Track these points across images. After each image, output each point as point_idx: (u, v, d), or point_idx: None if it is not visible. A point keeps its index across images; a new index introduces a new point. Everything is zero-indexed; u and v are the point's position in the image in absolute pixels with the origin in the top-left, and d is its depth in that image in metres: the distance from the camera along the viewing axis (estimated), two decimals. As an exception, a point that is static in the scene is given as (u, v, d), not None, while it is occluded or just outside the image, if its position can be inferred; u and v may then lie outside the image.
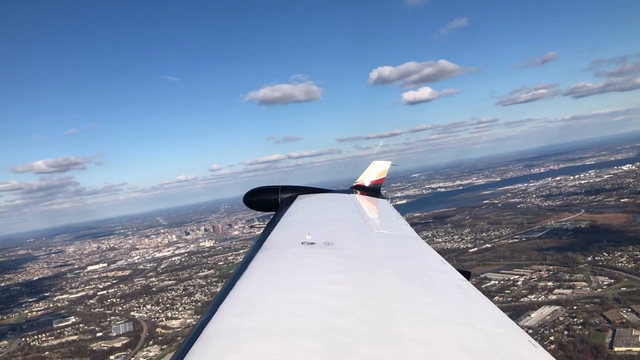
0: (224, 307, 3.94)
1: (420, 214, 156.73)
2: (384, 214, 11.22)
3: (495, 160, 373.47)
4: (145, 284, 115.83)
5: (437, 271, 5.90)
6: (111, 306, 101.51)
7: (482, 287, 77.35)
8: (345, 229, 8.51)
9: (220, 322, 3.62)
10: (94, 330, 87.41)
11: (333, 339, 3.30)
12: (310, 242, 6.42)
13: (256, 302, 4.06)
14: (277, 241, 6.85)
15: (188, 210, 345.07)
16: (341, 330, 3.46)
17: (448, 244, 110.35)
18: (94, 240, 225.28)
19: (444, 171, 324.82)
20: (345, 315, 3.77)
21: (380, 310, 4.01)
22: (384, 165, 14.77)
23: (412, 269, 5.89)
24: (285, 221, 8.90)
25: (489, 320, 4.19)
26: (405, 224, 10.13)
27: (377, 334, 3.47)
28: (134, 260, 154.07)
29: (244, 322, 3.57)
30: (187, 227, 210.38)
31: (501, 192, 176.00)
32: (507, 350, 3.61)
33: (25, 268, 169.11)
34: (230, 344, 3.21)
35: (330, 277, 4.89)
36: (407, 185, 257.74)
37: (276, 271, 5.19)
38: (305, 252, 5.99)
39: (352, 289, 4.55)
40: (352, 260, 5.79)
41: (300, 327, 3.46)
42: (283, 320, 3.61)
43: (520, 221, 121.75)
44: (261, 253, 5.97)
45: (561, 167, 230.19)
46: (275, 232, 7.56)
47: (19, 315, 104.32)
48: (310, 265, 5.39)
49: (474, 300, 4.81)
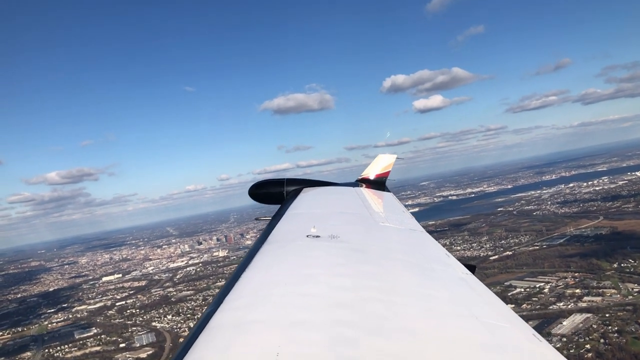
0: (229, 300, 3.92)
1: (435, 222, 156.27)
2: (389, 207, 11.22)
3: (504, 167, 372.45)
4: (163, 295, 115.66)
5: (442, 264, 5.87)
6: (131, 317, 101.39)
7: (509, 295, 76.94)
8: (350, 222, 8.47)
9: (225, 315, 3.61)
10: (116, 341, 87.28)
11: (338, 332, 3.30)
12: (315, 235, 6.38)
13: (261, 295, 4.06)
14: (282, 234, 6.82)
15: (197, 220, 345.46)
16: (346, 323, 3.45)
17: (467, 252, 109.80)
18: (106, 251, 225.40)
19: (453, 179, 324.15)
20: (350, 308, 3.77)
21: (384, 303, 4.01)
22: (389, 159, 14.69)
23: (417, 262, 5.87)
24: (290, 214, 8.85)
25: (494, 314, 4.18)
26: (411, 217, 10.08)
27: (381, 327, 3.48)
28: (149, 271, 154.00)
29: (249, 315, 3.56)
30: (199, 237, 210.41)
31: (514, 199, 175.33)
32: (511, 344, 3.61)
33: (40, 279, 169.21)
34: (235, 336, 3.22)
35: (335, 270, 4.88)
36: (417, 193, 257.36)
37: (281, 264, 5.18)
38: (310, 245, 5.95)
39: (357, 282, 4.55)
40: (357, 253, 5.78)
41: (305, 320, 3.46)
42: (288, 313, 3.60)
43: (538, 228, 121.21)
44: (266, 246, 5.95)
45: (572, 173, 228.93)
46: (281, 225, 7.53)
47: (40, 326, 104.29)
48: (315, 258, 5.37)
49: (478, 293, 4.80)
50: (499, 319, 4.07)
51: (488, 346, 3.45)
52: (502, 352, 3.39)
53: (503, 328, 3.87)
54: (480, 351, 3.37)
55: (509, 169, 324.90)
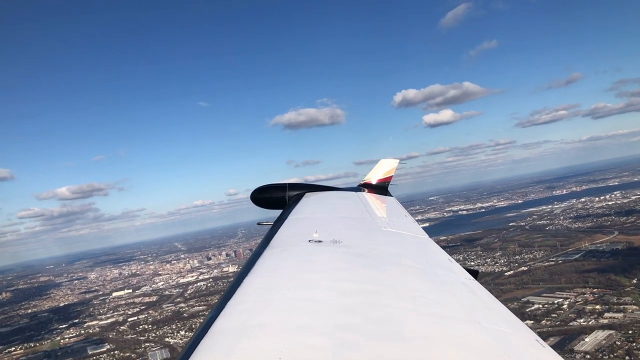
0: (232, 304, 3.93)
1: (447, 237, 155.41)
2: (392, 211, 11.14)
3: (512, 182, 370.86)
4: (175, 310, 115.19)
5: (444, 269, 5.87)
6: (144, 332, 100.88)
7: (527, 311, 76.04)
8: (352, 226, 8.49)
9: (228, 319, 3.62)
10: (130, 357, 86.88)
11: (340, 337, 3.30)
12: (317, 240, 6.39)
13: (263, 300, 4.07)
14: (284, 239, 6.82)
15: (205, 236, 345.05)
16: (348, 328, 3.46)
17: (482, 268, 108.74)
18: (115, 266, 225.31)
19: (462, 194, 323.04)
20: (352, 313, 3.77)
21: (387, 308, 4.02)
22: (391, 164, 14.63)
23: (419, 267, 5.85)
24: (292, 219, 8.84)
25: (497, 319, 4.18)
26: (413, 221, 10.04)
27: (384, 332, 3.48)
28: (159, 286, 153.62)
29: (252, 319, 3.57)
30: (208, 253, 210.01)
31: (526, 214, 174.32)
32: (514, 350, 3.60)
33: (50, 294, 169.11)
34: (237, 340, 3.22)
35: (337, 275, 4.89)
36: (426, 208, 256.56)
37: (283, 269, 5.18)
38: (313, 250, 5.96)
39: (360, 286, 4.55)
40: (360, 258, 5.79)
41: (308, 325, 3.46)
42: (290, 318, 3.62)
43: (552, 243, 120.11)
44: (268, 250, 5.95)
45: (584, 188, 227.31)
46: (283, 230, 7.53)
47: (52, 342, 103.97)
48: (317, 263, 5.39)
49: (481, 298, 4.79)
50: (502, 324, 4.08)
51: (491, 351, 3.45)
52: (506, 357, 3.39)
53: (506, 333, 3.87)
54: (484, 356, 3.39)
55: (519, 184, 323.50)
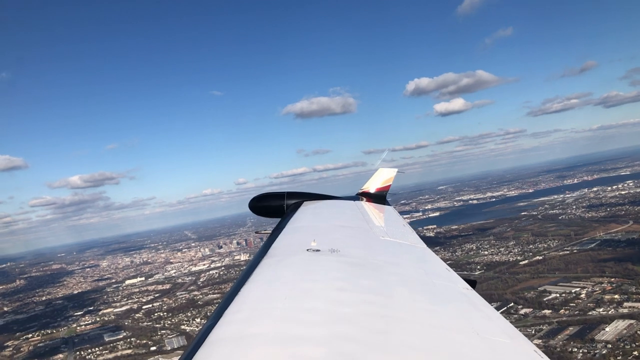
0: (229, 313, 3.93)
1: (458, 226, 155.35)
2: (390, 221, 11.15)
3: (522, 171, 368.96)
4: (189, 298, 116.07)
5: (442, 279, 5.86)
6: (159, 320, 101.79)
7: (544, 300, 75.95)
8: (350, 236, 8.49)
9: (225, 329, 3.61)
10: (147, 344, 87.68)
11: (338, 347, 3.29)
12: (315, 249, 6.39)
13: (261, 309, 4.07)
14: (282, 248, 6.81)
15: (214, 224, 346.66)
16: (346, 338, 3.46)
17: (496, 257, 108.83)
18: (126, 255, 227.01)
19: (471, 183, 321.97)
20: (350, 323, 3.77)
21: (385, 318, 4.02)
22: (390, 173, 14.66)
23: (417, 277, 5.87)
24: (290, 228, 8.86)
25: (495, 330, 4.18)
26: (411, 231, 10.01)
27: (381, 342, 3.47)
28: (171, 274, 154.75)
29: (249, 329, 3.57)
30: (219, 241, 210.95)
31: (537, 203, 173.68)
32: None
33: (63, 282, 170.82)
34: (234, 350, 3.22)
35: (335, 284, 4.87)
36: (436, 197, 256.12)
37: (281, 278, 5.18)
38: (311, 259, 5.96)
39: (357, 296, 4.55)
40: (358, 267, 5.78)
41: (305, 334, 3.45)
42: (288, 327, 3.61)
43: (566, 233, 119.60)
44: (266, 259, 5.93)
45: (595, 177, 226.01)
46: (281, 239, 7.53)
47: (68, 329, 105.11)
48: (315, 272, 5.39)
49: (479, 309, 4.79)
50: (500, 334, 4.07)
51: None
52: None
53: (504, 344, 3.88)
54: None
55: (528, 173, 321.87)
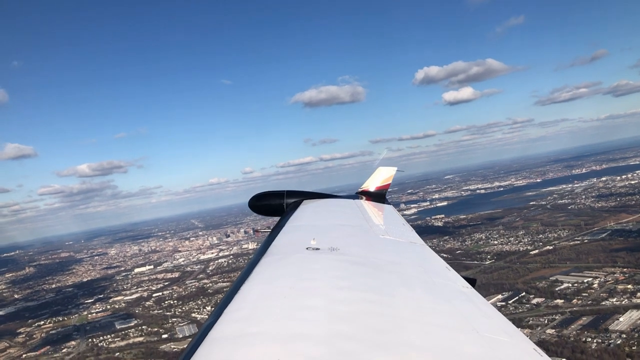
0: (228, 312, 3.92)
1: (466, 215, 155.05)
2: (390, 219, 11.19)
3: (529, 161, 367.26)
4: (199, 286, 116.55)
5: (442, 278, 5.86)
6: (169, 308, 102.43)
7: (556, 290, 75.78)
8: (350, 234, 8.50)
9: (225, 327, 3.62)
10: (158, 332, 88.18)
11: (337, 345, 3.30)
12: (315, 247, 6.39)
13: (260, 307, 4.07)
14: (281, 246, 6.80)
15: (221, 213, 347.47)
16: (345, 336, 3.47)
17: (505, 247, 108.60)
18: (134, 243, 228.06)
19: (478, 172, 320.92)
20: (349, 321, 3.77)
21: (384, 316, 4.03)
22: (389, 171, 14.66)
23: (417, 276, 5.86)
24: (290, 226, 8.85)
25: (494, 328, 4.18)
26: (411, 230, 10.02)
27: (381, 341, 3.48)
28: (180, 263, 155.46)
29: (248, 327, 3.58)
30: (227, 230, 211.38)
31: (546, 193, 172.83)
32: (512, 358, 3.62)
33: (72, 270, 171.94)
34: (234, 348, 3.23)
35: (335, 283, 4.87)
36: (443, 187, 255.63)
37: (281, 276, 5.17)
38: (310, 258, 5.97)
39: (357, 295, 4.56)
40: (357, 266, 5.78)
41: (305, 333, 3.47)
42: (287, 326, 3.62)
43: (576, 223, 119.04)
44: (266, 258, 5.92)
45: (604, 167, 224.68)
46: (280, 237, 7.51)
47: (80, 316, 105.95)
48: (315, 271, 5.38)
49: (479, 307, 4.79)
50: (500, 332, 4.07)
51: None
52: None
53: (503, 342, 3.88)
54: None
55: (535, 163, 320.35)
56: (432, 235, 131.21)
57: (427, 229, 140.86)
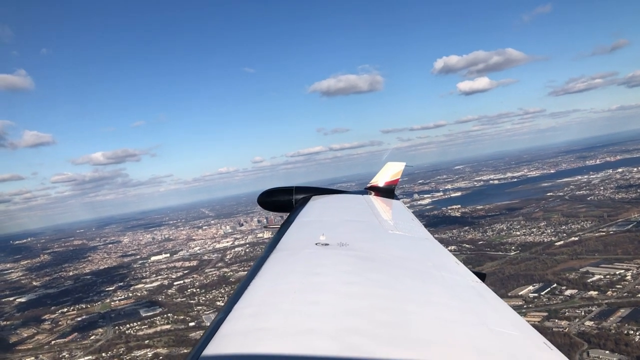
0: (238, 308, 3.92)
1: (483, 206, 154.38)
2: (398, 215, 11.20)
3: (540, 152, 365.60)
4: (219, 274, 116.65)
5: (451, 272, 5.85)
6: (193, 296, 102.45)
7: (588, 282, 75.37)
8: (359, 230, 8.49)
9: (235, 323, 3.62)
10: (185, 320, 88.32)
11: (347, 340, 3.30)
12: (324, 243, 6.40)
13: (270, 303, 4.06)
14: (291, 242, 6.83)
15: (230, 202, 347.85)
16: (355, 331, 3.46)
17: (529, 237, 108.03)
18: (146, 231, 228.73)
19: (488, 163, 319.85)
20: (359, 317, 3.77)
21: (394, 311, 4.03)
22: (398, 167, 14.62)
23: (426, 270, 5.86)
24: (299, 222, 8.87)
25: (504, 322, 4.16)
26: (420, 225, 10.03)
27: (391, 335, 3.48)
28: (196, 251, 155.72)
29: (258, 323, 3.58)
30: (240, 218, 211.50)
31: (561, 184, 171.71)
32: (522, 353, 3.59)
33: (88, 257, 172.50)
34: (244, 344, 3.24)
35: (344, 278, 4.86)
36: (454, 177, 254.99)
37: (290, 272, 5.17)
38: (319, 253, 5.98)
39: (366, 290, 4.55)
40: (367, 261, 5.77)
41: (314, 328, 3.46)
42: (297, 321, 3.62)
43: (597, 214, 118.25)
44: (275, 254, 5.96)
45: (618, 158, 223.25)
46: (289, 233, 7.54)
47: (102, 304, 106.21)
48: (324, 266, 5.37)
49: (488, 301, 4.79)
50: (510, 327, 4.05)
51: (499, 354, 3.45)
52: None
53: (513, 336, 3.86)
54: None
55: (546, 154, 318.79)
56: (451, 225, 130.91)
57: (446, 220, 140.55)
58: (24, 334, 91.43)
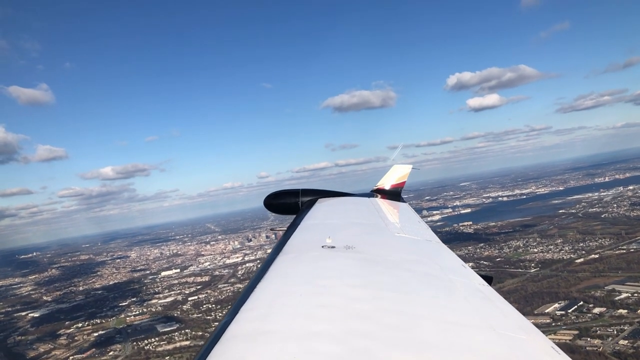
0: (245, 310, 3.91)
1: (496, 223, 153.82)
2: (405, 217, 11.18)
3: (545, 168, 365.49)
4: (233, 290, 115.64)
5: (458, 275, 5.79)
6: (209, 312, 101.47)
7: (617, 300, 74.51)
8: (365, 232, 8.49)
9: (241, 325, 3.61)
10: (203, 336, 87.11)
11: (353, 343, 3.30)
12: (330, 245, 6.39)
13: (276, 305, 4.04)
14: (297, 245, 6.82)
15: (235, 217, 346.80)
16: (361, 334, 3.45)
17: (547, 255, 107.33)
18: (153, 246, 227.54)
19: (494, 180, 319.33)
20: (365, 319, 3.75)
21: (400, 314, 4.01)
22: (404, 169, 14.64)
23: (433, 273, 5.79)
24: (305, 225, 8.86)
25: (511, 326, 4.14)
26: (426, 227, 9.94)
27: (397, 338, 3.46)
28: (206, 267, 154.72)
29: (264, 325, 3.57)
30: (248, 234, 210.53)
31: (572, 201, 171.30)
32: (529, 356, 3.56)
33: (97, 272, 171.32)
34: (250, 346, 3.23)
35: (350, 281, 4.83)
36: (461, 194, 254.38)
37: (296, 275, 5.18)
38: (326, 256, 5.97)
39: (373, 292, 4.52)
40: (373, 264, 5.76)
41: (321, 331, 3.45)
42: (303, 324, 3.59)
43: (615, 231, 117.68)
44: (281, 256, 5.93)
45: (627, 176, 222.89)
46: (296, 236, 7.52)
47: (117, 319, 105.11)
48: (330, 269, 5.38)
49: (495, 305, 4.74)
50: (517, 330, 4.02)
51: (505, 358, 3.44)
52: None
53: (521, 340, 3.83)
54: None
55: (552, 171, 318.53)
56: (465, 242, 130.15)
57: (459, 236, 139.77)
58: (41, 349, 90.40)
